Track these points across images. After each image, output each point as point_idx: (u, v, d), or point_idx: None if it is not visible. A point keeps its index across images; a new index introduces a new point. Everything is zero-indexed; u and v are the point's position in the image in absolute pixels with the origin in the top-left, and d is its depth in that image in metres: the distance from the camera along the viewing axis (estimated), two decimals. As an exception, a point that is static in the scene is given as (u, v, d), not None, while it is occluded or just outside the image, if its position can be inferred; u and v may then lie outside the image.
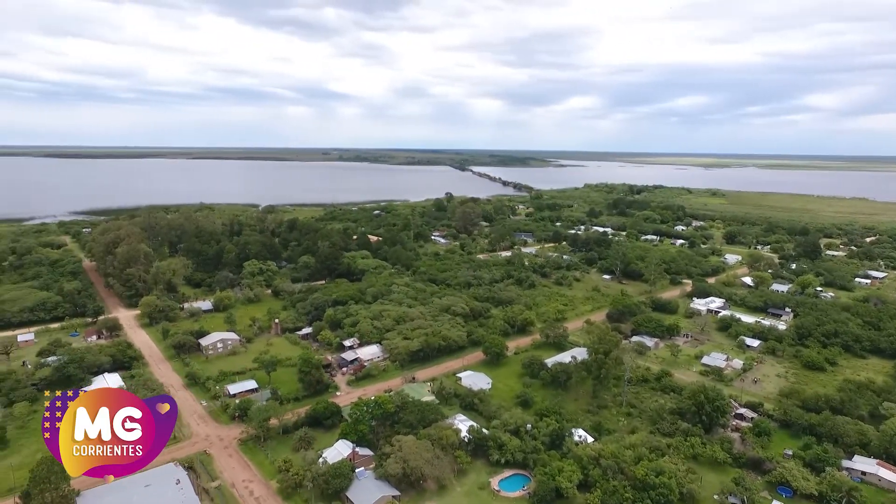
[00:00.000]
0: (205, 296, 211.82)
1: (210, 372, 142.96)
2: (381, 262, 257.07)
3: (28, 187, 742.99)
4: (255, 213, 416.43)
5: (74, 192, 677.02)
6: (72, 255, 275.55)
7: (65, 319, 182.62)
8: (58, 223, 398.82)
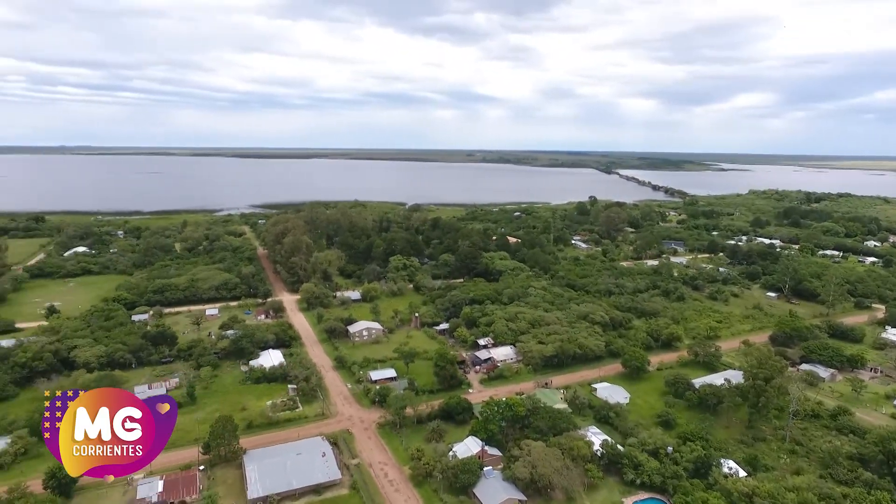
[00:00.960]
0: (354, 286, 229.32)
1: (356, 357, 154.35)
2: (519, 263, 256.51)
3: (219, 183, 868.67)
4: (402, 210, 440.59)
5: (254, 188, 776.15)
6: (249, 243, 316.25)
7: (241, 299, 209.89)
8: (240, 215, 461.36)
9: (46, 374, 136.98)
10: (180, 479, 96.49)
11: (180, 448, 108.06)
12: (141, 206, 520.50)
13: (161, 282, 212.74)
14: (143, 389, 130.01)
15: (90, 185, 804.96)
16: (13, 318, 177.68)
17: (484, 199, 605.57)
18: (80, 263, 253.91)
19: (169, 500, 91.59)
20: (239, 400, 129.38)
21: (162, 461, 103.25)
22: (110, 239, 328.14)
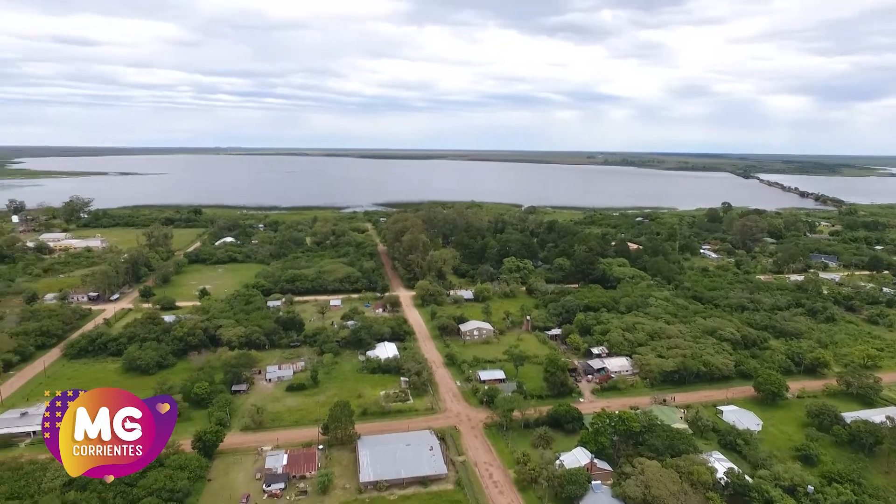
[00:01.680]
0: (467, 286, 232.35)
1: (466, 356, 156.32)
2: (640, 271, 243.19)
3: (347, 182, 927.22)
4: (518, 212, 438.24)
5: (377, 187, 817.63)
6: (371, 240, 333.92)
7: (361, 292, 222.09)
8: (364, 212, 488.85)
9: (197, 348, 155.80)
10: (302, 455, 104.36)
11: (303, 427, 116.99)
12: (279, 202, 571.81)
13: (293, 272, 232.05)
14: (273, 369, 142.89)
15: (238, 182, 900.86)
16: (174, 297, 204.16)
17: (604, 203, 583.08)
18: (228, 252, 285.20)
19: (291, 473, 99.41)
20: (356, 387, 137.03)
21: (287, 437, 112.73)
22: (253, 231, 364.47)
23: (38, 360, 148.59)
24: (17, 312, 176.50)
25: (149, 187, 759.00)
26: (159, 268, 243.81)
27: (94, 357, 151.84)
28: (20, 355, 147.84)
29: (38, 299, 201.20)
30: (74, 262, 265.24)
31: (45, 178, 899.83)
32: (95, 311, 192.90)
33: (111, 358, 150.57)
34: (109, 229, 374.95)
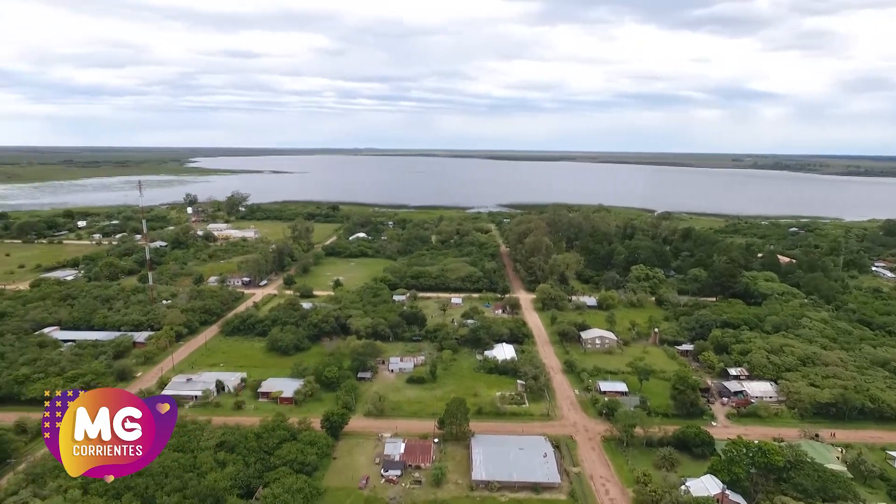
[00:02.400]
0: (591, 292, 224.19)
1: (585, 364, 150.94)
2: (791, 288, 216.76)
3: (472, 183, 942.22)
4: (650, 218, 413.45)
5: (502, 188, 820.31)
6: (493, 240, 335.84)
7: (482, 292, 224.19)
8: (487, 213, 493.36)
9: (329, 335, 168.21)
10: (418, 446, 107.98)
11: (420, 419, 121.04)
12: (408, 201, 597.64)
13: (417, 268, 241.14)
14: (396, 361, 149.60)
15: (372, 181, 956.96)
16: (312, 287, 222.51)
17: (749, 211, 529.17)
18: (360, 247, 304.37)
19: (408, 462, 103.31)
20: (472, 385, 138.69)
21: (405, 426, 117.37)
22: (383, 228, 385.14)
23: (201, 335, 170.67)
24: (187, 292, 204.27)
25: (295, 185, 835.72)
26: (300, 259, 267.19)
27: (244, 335, 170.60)
28: (188, 328, 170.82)
29: (204, 281, 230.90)
30: (233, 249, 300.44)
31: (214, 175, 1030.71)
32: (247, 294, 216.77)
33: (258, 337, 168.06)
34: (261, 222, 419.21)
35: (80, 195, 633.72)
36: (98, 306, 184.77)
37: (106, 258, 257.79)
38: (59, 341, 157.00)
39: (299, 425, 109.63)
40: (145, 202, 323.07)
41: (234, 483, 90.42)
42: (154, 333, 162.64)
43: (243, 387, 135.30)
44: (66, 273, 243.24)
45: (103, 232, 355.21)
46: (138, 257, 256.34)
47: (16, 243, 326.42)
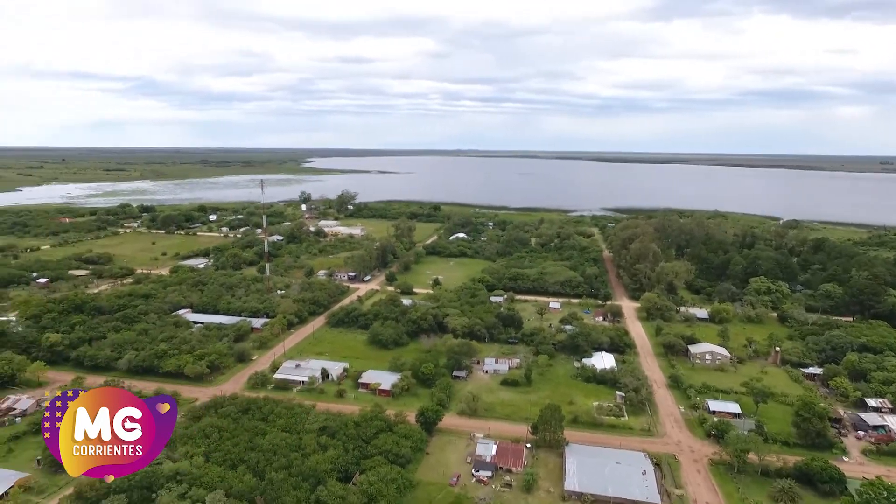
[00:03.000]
0: (702, 304, 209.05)
1: (693, 380, 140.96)
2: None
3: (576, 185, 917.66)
4: (774, 226, 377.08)
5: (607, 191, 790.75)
6: (596, 245, 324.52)
7: (581, 298, 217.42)
8: (591, 216, 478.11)
9: (427, 332, 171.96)
10: (510, 449, 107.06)
11: (513, 422, 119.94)
12: (508, 203, 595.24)
13: (516, 270, 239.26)
14: (491, 362, 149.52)
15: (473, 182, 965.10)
16: (412, 284, 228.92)
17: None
18: (459, 247, 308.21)
19: (499, 464, 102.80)
20: (568, 393, 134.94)
21: (497, 428, 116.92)
22: (483, 229, 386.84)
23: (309, 324, 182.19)
24: (299, 283, 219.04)
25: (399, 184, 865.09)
26: (402, 256, 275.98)
27: (348, 327, 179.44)
28: (299, 318, 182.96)
29: (314, 274, 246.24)
30: (340, 245, 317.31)
31: (326, 174, 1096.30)
32: (352, 288, 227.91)
33: (360, 330, 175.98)
34: (367, 220, 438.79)
35: (212, 192, 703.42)
36: (223, 293, 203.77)
37: (231, 249, 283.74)
38: (191, 322, 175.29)
39: (395, 418, 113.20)
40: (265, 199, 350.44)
41: (334, 467, 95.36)
42: (269, 320, 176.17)
43: (345, 376, 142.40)
44: (199, 261, 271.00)
45: (230, 225, 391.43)
46: (258, 250, 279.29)
47: (160, 233, 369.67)
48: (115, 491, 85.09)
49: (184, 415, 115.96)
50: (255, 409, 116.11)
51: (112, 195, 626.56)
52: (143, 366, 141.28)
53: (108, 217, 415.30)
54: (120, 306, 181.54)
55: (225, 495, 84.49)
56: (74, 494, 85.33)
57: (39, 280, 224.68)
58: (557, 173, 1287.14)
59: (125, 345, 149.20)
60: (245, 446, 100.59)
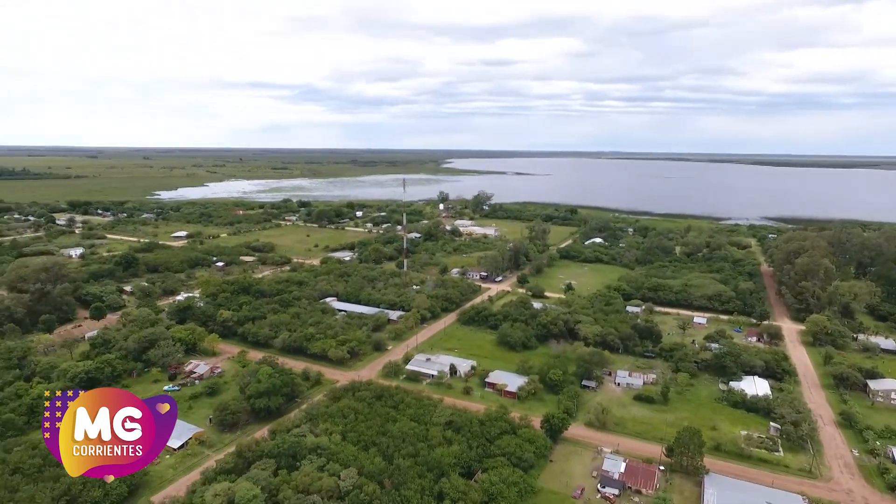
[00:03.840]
0: (888, 333, 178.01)
1: (873, 421, 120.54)
2: None
3: (731, 191, 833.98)
4: None
5: (770, 198, 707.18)
6: (753, 258, 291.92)
7: (732, 314, 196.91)
8: (748, 226, 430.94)
9: (557, 337, 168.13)
10: (641, 469, 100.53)
11: (645, 440, 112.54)
12: (651, 208, 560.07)
13: (657, 280, 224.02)
14: (624, 375, 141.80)
15: (614, 185, 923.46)
16: (544, 287, 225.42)
17: None
18: (595, 252, 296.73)
19: (627, 483, 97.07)
20: (710, 417, 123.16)
21: (627, 445, 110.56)
22: (621, 234, 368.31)
23: (441, 320, 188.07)
24: (433, 280, 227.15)
25: (536, 186, 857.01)
26: (535, 259, 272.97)
27: (478, 326, 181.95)
28: (432, 313, 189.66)
29: (447, 272, 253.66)
30: (474, 245, 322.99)
31: (464, 175, 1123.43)
32: (483, 288, 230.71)
33: (489, 330, 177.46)
34: (502, 220, 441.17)
35: (359, 189, 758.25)
36: (364, 284, 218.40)
37: (373, 244, 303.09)
38: (336, 310, 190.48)
39: (520, 421, 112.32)
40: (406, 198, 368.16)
41: (457, 461, 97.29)
42: (404, 314, 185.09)
43: (472, 374, 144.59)
44: (345, 254, 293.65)
45: (374, 222, 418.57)
46: (397, 245, 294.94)
47: (314, 227, 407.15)
48: (268, 455, 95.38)
49: (325, 394, 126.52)
50: (388, 396, 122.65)
51: (277, 191, 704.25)
52: (295, 346, 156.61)
53: (273, 211, 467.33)
54: (278, 291, 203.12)
55: (357, 473, 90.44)
56: (236, 452, 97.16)
57: (218, 263, 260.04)
58: (710, 177, 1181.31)
59: (281, 325, 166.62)
60: (377, 430, 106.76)
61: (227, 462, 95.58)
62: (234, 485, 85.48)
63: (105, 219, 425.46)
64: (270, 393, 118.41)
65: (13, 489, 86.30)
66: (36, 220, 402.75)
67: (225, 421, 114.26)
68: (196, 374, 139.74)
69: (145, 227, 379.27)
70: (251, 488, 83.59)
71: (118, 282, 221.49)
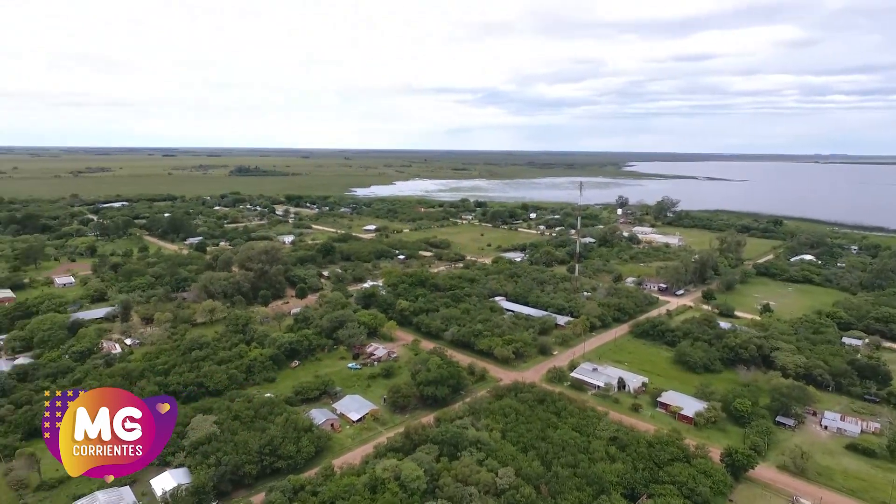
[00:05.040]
0: None
1: None
2: None
3: None
4: None
5: None
6: None
7: None
8: None
9: (746, 363, 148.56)
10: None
11: (860, 501, 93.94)
12: (886, 223, 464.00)
13: (887, 310, 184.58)
14: (833, 417, 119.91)
15: (834, 194, 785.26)
16: (733, 306, 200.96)
17: None
18: (803, 271, 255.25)
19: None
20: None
21: (833, 501, 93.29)
22: (840, 252, 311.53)
23: (611, 330, 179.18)
24: (605, 287, 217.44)
25: (730, 193, 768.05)
26: (725, 274, 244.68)
27: (652, 340, 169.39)
28: (601, 322, 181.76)
29: (622, 280, 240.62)
30: (654, 254, 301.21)
31: (646, 179, 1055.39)
32: (661, 301, 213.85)
33: (665, 346, 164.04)
34: (687, 229, 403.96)
35: (534, 191, 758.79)
36: (533, 286, 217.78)
37: (545, 247, 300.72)
38: (504, 309, 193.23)
39: (695, 449, 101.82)
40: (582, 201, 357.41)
41: (620, 481, 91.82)
42: (572, 319, 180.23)
43: (643, 390, 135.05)
44: (516, 255, 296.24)
45: (547, 224, 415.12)
46: (569, 249, 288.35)
47: (487, 226, 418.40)
48: (432, 441, 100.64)
49: (489, 390, 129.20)
50: (550, 401, 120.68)
51: (455, 191, 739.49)
52: (463, 340, 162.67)
53: (451, 209, 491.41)
54: (451, 286, 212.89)
55: (514, 473, 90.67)
56: (404, 433, 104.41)
57: (400, 256, 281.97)
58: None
59: (451, 319, 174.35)
60: (537, 434, 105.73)
61: (396, 441, 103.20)
62: (401, 463, 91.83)
63: (312, 211, 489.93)
64: (438, 382, 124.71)
65: (233, 432, 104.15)
66: (261, 210, 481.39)
67: (397, 402, 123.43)
68: (375, 356, 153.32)
69: (342, 220, 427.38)
70: (415, 469, 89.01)
71: (318, 267, 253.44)
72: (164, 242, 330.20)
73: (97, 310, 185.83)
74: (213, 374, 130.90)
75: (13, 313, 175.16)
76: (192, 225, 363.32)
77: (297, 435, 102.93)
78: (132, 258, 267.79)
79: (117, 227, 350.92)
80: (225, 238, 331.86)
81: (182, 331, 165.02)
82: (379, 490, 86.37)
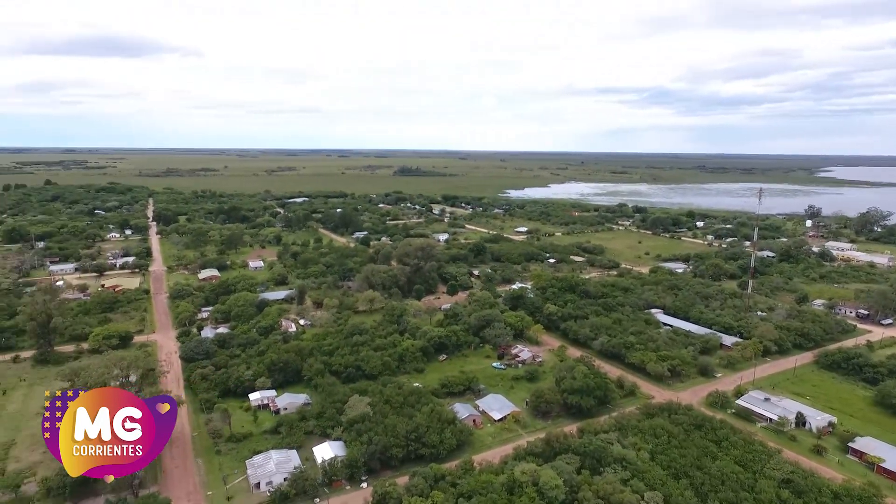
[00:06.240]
0: None
1: None
2: None
3: None
4: None
5: None
6: None
7: None
8: None
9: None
10: None
11: None
12: None
13: None
14: None
15: None
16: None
17: None
18: None
19: None
20: None
21: None
22: None
23: (790, 357, 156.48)
24: (786, 308, 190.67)
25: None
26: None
27: (844, 375, 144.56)
28: (778, 347, 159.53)
29: (807, 302, 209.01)
30: (852, 274, 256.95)
31: (848, 187, 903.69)
32: (860, 329, 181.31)
33: (863, 383, 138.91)
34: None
35: (703, 198, 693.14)
36: (697, 301, 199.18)
37: (713, 258, 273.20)
38: (661, 323, 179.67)
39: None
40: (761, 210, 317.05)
41: (794, 532, 79.92)
42: (741, 341, 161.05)
43: (829, 431, 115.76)
44: (677, 265, 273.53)
45: (716, 234, 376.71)
46: (743, 263, 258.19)
47: (646, 233, 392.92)
48: (574, 451, 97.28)
49: (639, 407, 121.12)
50: (710, 428, 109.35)
51: (613, 195, 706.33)
52: (612, 351, 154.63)
53: (607, 214, 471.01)
54: (603, 294, 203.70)
55: (664, 500, 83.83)
56: (545, 439, 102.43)
57: (550, 260, 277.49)
58: None
59: (601, 328, 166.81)
60: (692, 462, 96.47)
61: (536, 445, 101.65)
62: (541, 469, 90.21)
63: (466, 211, 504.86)
64: (584, 392, 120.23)
65: (384, 415, 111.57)
66: (420, 208, 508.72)
67: (539, 407, 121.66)
68: (520, 358, 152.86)
69: (494, 221, 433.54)
70: (555, 478, 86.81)
71: (469, 266, 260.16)
72: (335, 235, 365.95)
73: (279, 292, 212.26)
74: (369, 359, 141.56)
75: (218, 290, 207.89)
76: (359, 220, 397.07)
77: (440, 426, 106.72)
78: (308, 248, 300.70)
79: (298, 220, 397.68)
80: (386, 234, 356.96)
81: (346, 317, 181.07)
82: (516, 493, 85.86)
